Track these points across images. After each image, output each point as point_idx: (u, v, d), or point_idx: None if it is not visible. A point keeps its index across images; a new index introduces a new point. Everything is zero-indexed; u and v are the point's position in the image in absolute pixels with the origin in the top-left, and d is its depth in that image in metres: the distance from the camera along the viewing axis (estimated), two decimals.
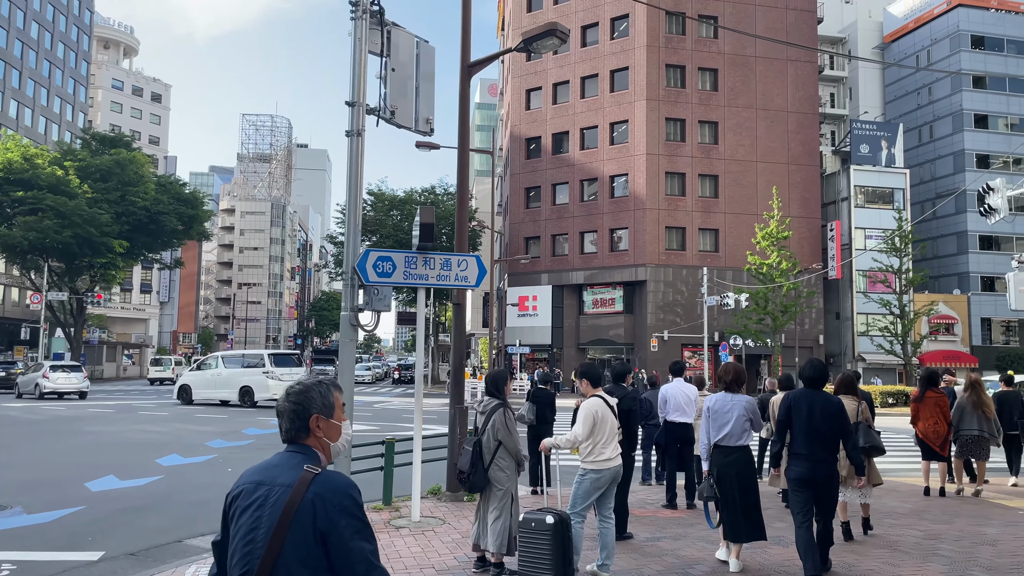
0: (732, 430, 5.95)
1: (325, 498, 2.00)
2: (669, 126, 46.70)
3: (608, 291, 47.77)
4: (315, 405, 2.18)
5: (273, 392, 24.61)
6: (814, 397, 5.88)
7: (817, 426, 5.70)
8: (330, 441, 2.22)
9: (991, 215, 14.92)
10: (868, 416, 7.37)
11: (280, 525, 1.99)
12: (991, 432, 9.51)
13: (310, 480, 2.03)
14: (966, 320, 49.46)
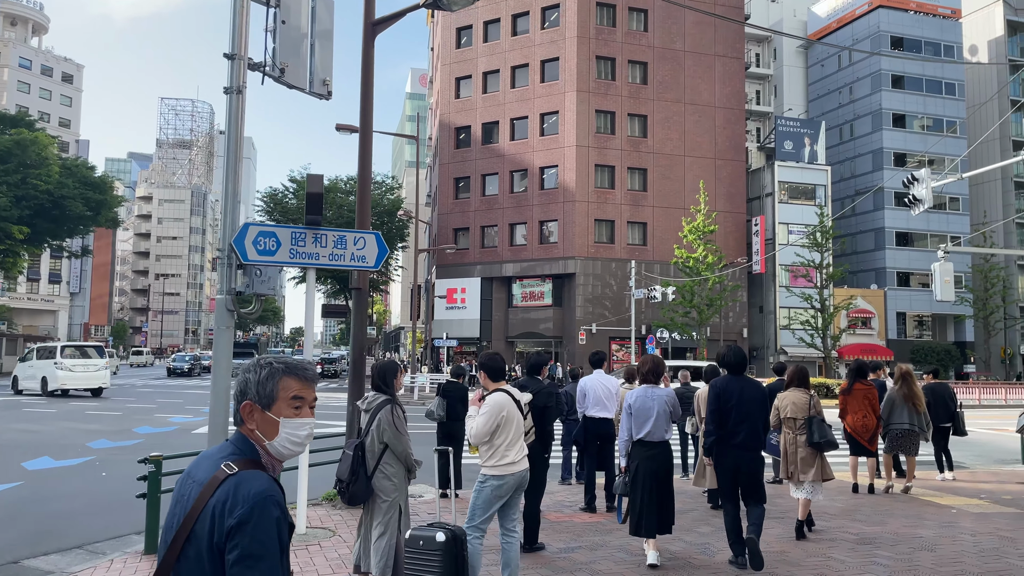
0: (655, 426, 5.83)
1: (226, 508, 1.65)
2: (599, 118, 46.44)
3: (537, 284, 47.29)
4: (250, 391, 1.84)
5: (62, 382, 25.75)
6: (742, 382, 5.99)
7: (748, 411, 5.81)
8: (263, 438, 1.83)
9: (916, 206, 14.81)
10: (820, 409, 7.17)
11: (178, 535, 1.68)
12: (921, 426, 9.15)
13: (220, 482, 1.69)
14: (883, 314, 50.89)
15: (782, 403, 7.31)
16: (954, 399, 10.56)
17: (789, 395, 7.33)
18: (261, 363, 1.89)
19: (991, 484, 9.98)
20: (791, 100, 57.39)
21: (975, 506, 8.09)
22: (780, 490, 9.29)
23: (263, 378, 1.84)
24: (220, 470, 1.72)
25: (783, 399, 7.35)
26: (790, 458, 7.06)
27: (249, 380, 1.86)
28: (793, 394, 7.31)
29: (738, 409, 5.83)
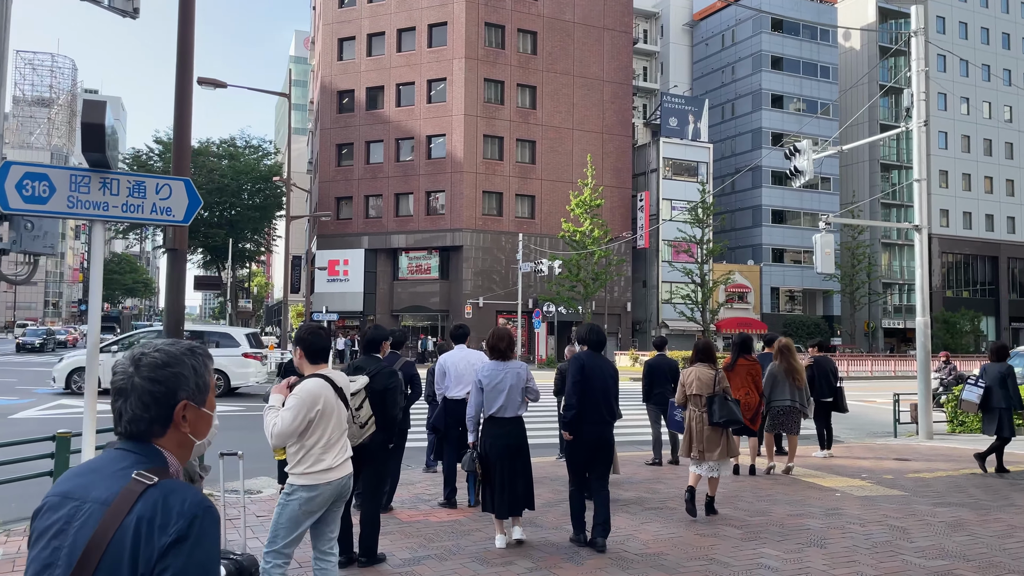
0: (506, 401, 5.58)
1: (155, 524, 1.37)
2: (488, 87, 45.34)
3: (424, 256, 46.00)
4: (186, 386, 1.54)
5: None
6: (601, 360, 5.91)
7: (606, 387, 5.77)
8: (196, 439, 1.57)
9: (797, 177, 14.60)
10: (727, 385, 6.93)
11: (81, 566, 1.36)
12: (802, 402, 8.72)
13: (138, 495, 1.40)
14: (758, 289, 52.64)
15: (687, 379, 6.96)
16: (836, 373, 10.28)
17: (694, 371, 6.96)
18: (195, 349, 1.57)
19: (869, 461, 9.74)
20: (677, 78, 58.12)
21: (858, 488, 7.68)
22: (660, 473, 8.67)
23: (200, 367, 1.56)
24: (134, 481, 1.41)
25: (688, 375, 7.00)
26: (695, 436, 6.78)
27: (184, 376, 1.52)
28: (699, 370, 6.96)
29: (600, 384, 5.73)
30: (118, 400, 1.54)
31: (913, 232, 12.12)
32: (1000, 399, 8.54)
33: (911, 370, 38.43)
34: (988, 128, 58.02)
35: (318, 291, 46.53)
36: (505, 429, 5.59)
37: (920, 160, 12.70)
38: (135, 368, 1.53)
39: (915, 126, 12.57)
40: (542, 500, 7.07)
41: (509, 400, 5.58)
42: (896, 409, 13.34)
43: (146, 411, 1.51)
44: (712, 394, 6.78)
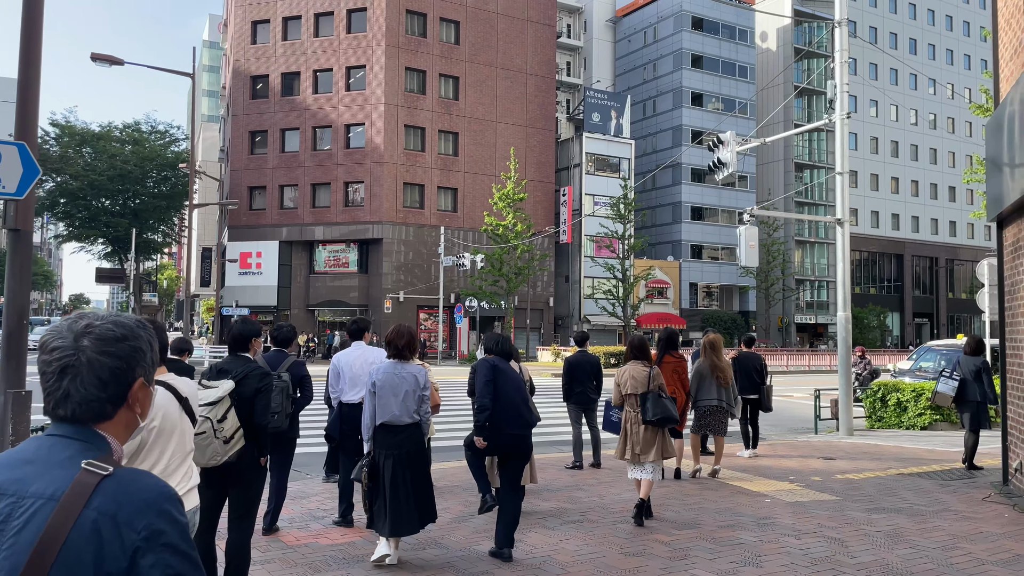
0: (401, 408, 4.99)
1: (120, 520, 1.19)
2: (409, 76, 44.24)
3: (342, 249, 44.58)
4: (143, 361, 1.37)
5: None
6: (508, 365, 5.61)
7: (521, 388, 5.46)
8: (142, 420, 1.43)
9: (720, 169, 14.32)
10: (662, 382, 6.59)
11: (30, 572, 1.16)
12: (729, 401, 8.27)
13: (93, 487, 1.22)
14: (677, 284, 53.26)
15: (621, 378, 6.57)
16: (762, 371, 9.91)
17: (628, 369, 6.52)
18: (145, 323, 1.41)
19: (794, 460, 9.42)
20: (600, 73, 58.21)
21: (788, 492, 7.26)
22: (581, 478, 8.08)
23: (152, 340, 1.40)
24: (84, 473, 1.22)
25: (622, 374, 6.55)
26: (632, 437, 6.42)
27: (142, 350, 1.37)
28: (633, 368, 6.52)
29: (516, 385, 5.37)
30: (62, 379, 1.31)
31: (833, 228, 11.91)
32: (975, 392, 8.32)
33: (824, 364, 39.45)
34: (895, 131, 60.33)
35: (229, 284, 44.58)
36: (398, 438, 4.97)
37: (842, 153, 12.54)
38: (87, 342, 1.31)
39: (838, 118, 12.40)
40: (451, 514, 6.36)
41: (403, 407, 4.96)
42: (817, 405, 13.20)
43: (103, 390, 1.32)
44: (647, 392, 6.40)
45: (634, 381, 6.56)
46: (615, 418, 7.17)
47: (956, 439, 11.64)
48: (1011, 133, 6.55)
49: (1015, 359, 6.93)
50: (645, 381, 6.57)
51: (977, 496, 6.93)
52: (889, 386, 13.48)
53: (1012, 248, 6.94)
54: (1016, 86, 6.21)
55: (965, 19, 63.77)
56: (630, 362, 6.76)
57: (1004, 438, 7.29)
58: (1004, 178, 6.84)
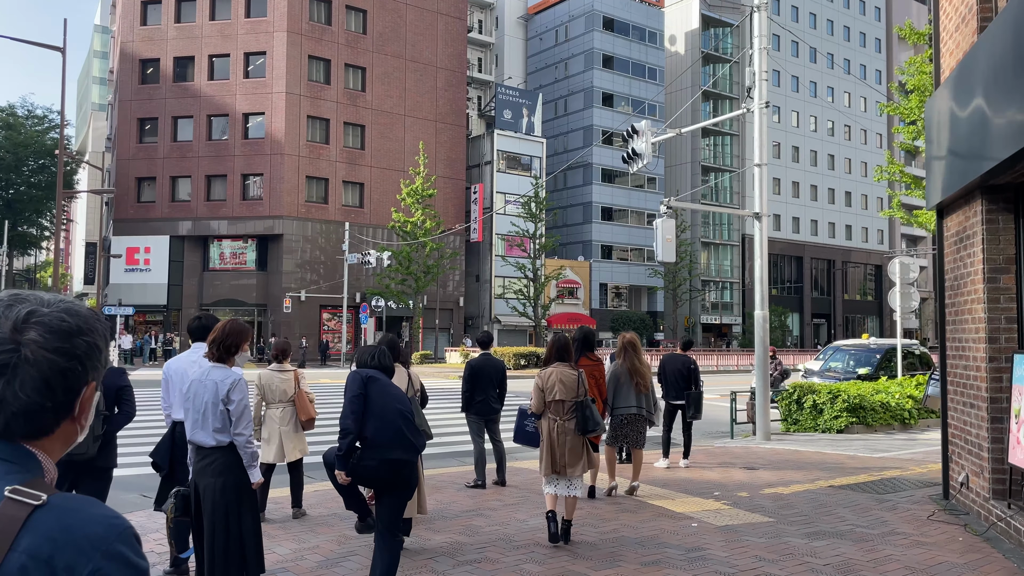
0: (201, 425, 3.97)
1: (58, 566, 0.91)
2: (313, 65, 42.30)
3: (240, 245, 42.21)
4: (98, 362, 1.09)
5: None
6: (386, 380, 4.54)
7: (403, 404, 4.40)
8: (82, 434, 1.13)
9: (635, 161, 13.58)
10: (587, 386, 5.98)
11: None
12: (649, 409, 7.38)
13: (21, 522, 0.93)
14: (588, 285, 53.11)
15: (547, 382, 5.78)
16: (691, 376, 9.06)
17: (555, 372, 5.81)
18: (97, 312, 1.13)
19: (715, 471, 8.65)
20: (511, 70, 57.50)
21: (715, 513, 6.41)
22: (482, 500, 7.02)
23: (108, 336, 1.12)
24: (9, 503, 0.94)
25: (547, 378, 5.73)
26: (557, 450, 5.67)
27: (100, 344, 1.09)
28: (560, 371, 5.80)
29: (396, 401, 4.32)
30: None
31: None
32: None
33: (732, 364, 39.85)
34: (796, 137, 62.13)
35: (114, 282, 41.60)
36: (204, 463, 3.95)
37: (761, 143, 11.97)
38: (33, 334, 1.01)
39: (756, 106, 11.82)
40: (317, 557, 5.18)
41: (204, 424, 3.93)
42: (733, 408, 12.60)
43: (48, 397, 1.02)
44: (578, 398, 5.70)
45: (563, 386, 5.73)
46: (531, 428, 6.23)
47: (874, 443, 11.21)
48: (957, 112, 5.88)
49: (958, 360, 6.29)
50: (575, 386, 5.75)
51: (920, 514, 6.27)
52: (805, 388, 13.03)
53: (956, 239, 6.30)
54: (966, 59, 5.52)
55: (862, 31, 66.38)
56: (555, 365, 5.88)
57: (944, 447, 6.67)
58: (947, 163, 6.19)
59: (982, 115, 5.27)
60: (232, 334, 4.08)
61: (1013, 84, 4.60)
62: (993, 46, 4.95)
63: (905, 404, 13.13)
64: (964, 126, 5.69)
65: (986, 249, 5.64)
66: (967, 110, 5.59)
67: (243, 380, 3.99)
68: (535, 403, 5.82)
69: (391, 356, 4.57)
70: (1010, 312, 5.58)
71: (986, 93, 5.13)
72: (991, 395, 5.58)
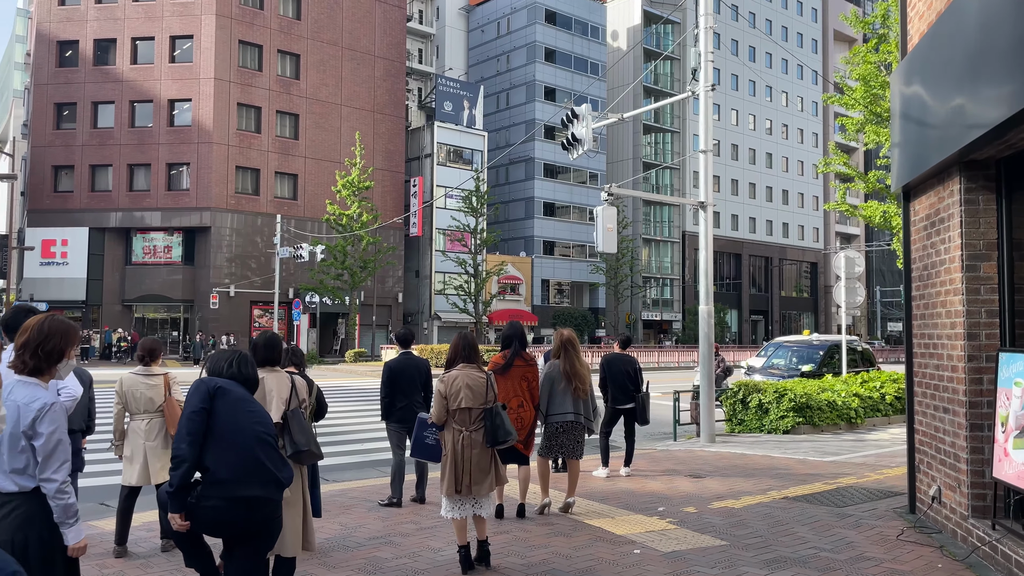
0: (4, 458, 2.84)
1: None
2: (244, 51, 40.53)
3: (164, 238, 40.23)
4: None
5: None
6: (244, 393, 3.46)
7: (263, 428, 3.33)
8: None
9: (574, 148, 12.81)
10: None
11: None
12: (588, 415, 6.56)
13: None
14: (529, 281, 52.45)
15: (450, 388, 4.96)
16: (635, 377, 8.30)
17: (460, 376, 5.00)
18: None
19: (658, 481, 7.89)
20: (452, 62, 56.37)
21: (660, 535, 5.62)
22: (396, 523, 6.09)
23: None
24: None
25: (451, 383, 5.00)
26: (462, 465, 4.89)
27: None
28: (466, 374, 5.01)
29: (251, 425, 3.32)
30: None
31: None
32: None
33: (673, 361, 39.63)
34: (736, 134, 62.59)
35: (28, 276, 39.20)
36: (3, 511, 2.82)
37: (706, 128, 11.32)
38: None
39: (702, 89, 11.14)
40: None
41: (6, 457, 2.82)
42: (676, 409, 11.94)
43: None
44: (487, 405, 4.94)
45: (470, 392, 4.90)
46: (431, 440, 5.36)
47: (822, 444, 10.67)
48: (932, 79, 5.21)
49: (929, 359, 5.63)
50: (483, 392, 4.92)
51: (888, 532, 5.59)
52: (750, 387, 12.46)
53: (927, 223, 5.64)
54: (946, 15, 4.82)
55: (799, 31, 67.31)
56: (460, 367, 5.03)
57: (911, 456, 6.02)
58: (919, 138, 5.52)
59: (965, 77, 4.58)
60: (53, 335, 2.93)
61: (1011, 35, 3.90)
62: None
63: (851, 403, 12.69)
64: (941, 93, 5.01)
65: (965, 233, 4.97)
66: (945, 75, 4.91)
67: (59, 405, 2.89)
68: (436, 412, 4.97)
69: (255, 363, 3.57)
70: (991, 305, 4.92)
71: (971, 52, 4.44)
72: (970, 399, 4.92)
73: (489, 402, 4.88)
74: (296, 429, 4.15)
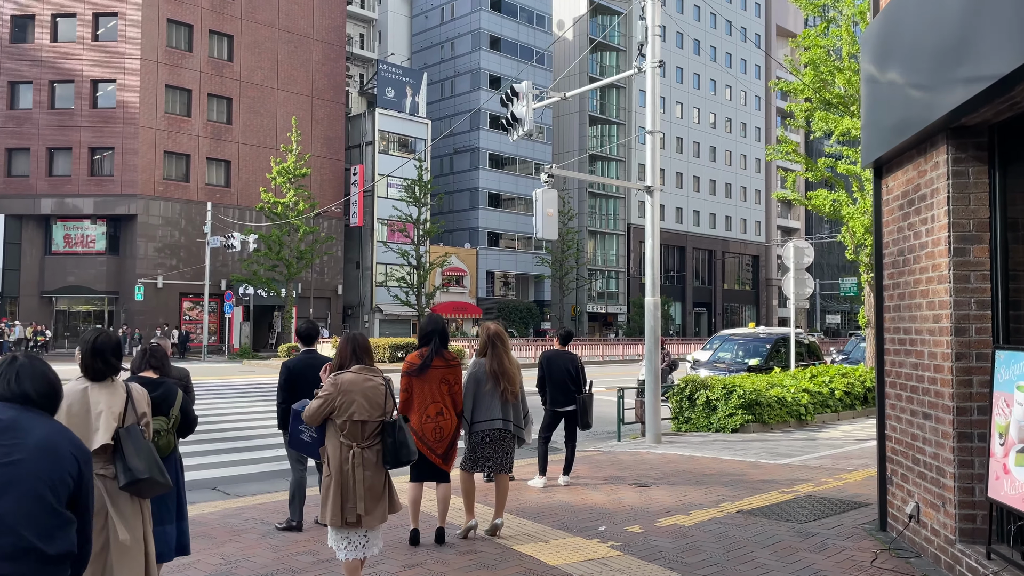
0: None
1: None
2: (173, 30, 38.57)
3: (87, 226, 38.09)
4: None
5: None
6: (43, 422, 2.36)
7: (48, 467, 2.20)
8: None
9: (514, 128, 11.96)
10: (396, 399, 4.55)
11: None
12: (518, 422, 5.70)
13: None
14: (474, 273, 51.54)
15: (340, 396, 4.02)
16: (577, 377, 7.49)
17: (351, 382, 4.06)
18: None
19: (600, 492, 7.11)
20: (395, 48, 54.93)
21: (601, 566, 4.81)
22: (289, 553, 5.14)
23: None
24: None
25: (339, 387, 4.05)
26: (349, 488, 3.97)
27: None
28: (359, 378, 4.07)
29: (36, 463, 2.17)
30: None
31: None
32: None
33: (618, 355, 39.19)
34: (680, 127, 62.60)
35: None
36: None
37: (653, 107, 10.58)
38: None
39: (649, 66, 10.38)
40: None
41: None
42: (620, 407, 11.21)
43: None
44: (384, 418, 4.06)
45: (365, 402, 4.00)
46: (307, 436, 4.34)
47: (774, 445, 10.07)
48: (915, 34, 4.49)
49: (904, 357, 4.94)
50: (381, 400, 4.05)
51: (859, 556, 4.88)
52: (697, 383, 11.81)
53: (904, 202, 4.94)
54: None
55: (743, 25, 67.67)
56: (354, 369, 4.10)
57: (881, 467, 5.34)
58: (897, 103, 4.81)
59: (959, 25, 3.85)
60: None
61: None
62: None
63: (801, 399, 12.17)
64: (927, 47, 4.29)
65: (952, 211, 4.27)
66: (935, 24, 4.18)
67: None
68: (314, 412, 4.04)
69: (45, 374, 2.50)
70: (983, 294, 4.23)
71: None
72: (957, 404, 4.23)
73: (388, 413, 3.99)
74: (130, 452, 3.18)
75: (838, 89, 14.36)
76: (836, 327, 68.94)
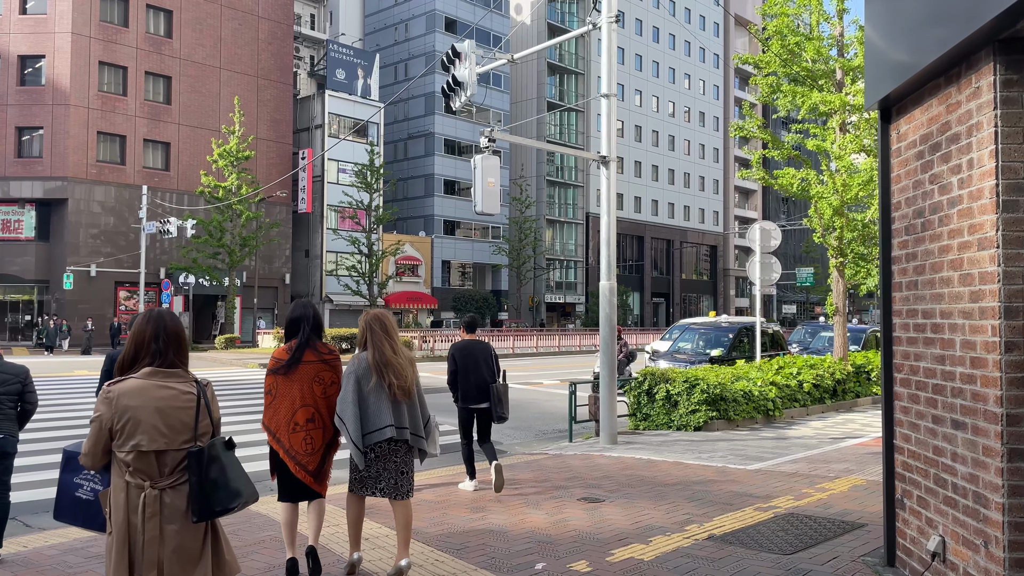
0: None
1: None
2: (106, 4, 36.49)
3: (14, 210, 35.82)
4: None
5: None
6: None
7: None
8: None
9: (456, 94, 10.72)
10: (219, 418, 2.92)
11: None
12: (416, 429, 4.44)
13: None
14: (429, 262, 50.16)
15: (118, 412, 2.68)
16: (493, 368, 6.35)
17: (132, 391, 2.72)
18: None
19: (542, 510, 5.94)
20: (347, 29, 52.98)
21: None
22: None
23: None
24: None
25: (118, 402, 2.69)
26: (138, 549, 2.64)
27: None
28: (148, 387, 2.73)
29: None
30: None
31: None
32: None
33: (574, 345, 38.21)
34: (640, 116, 61.82)
35: None
36: None
37: (610, 68, 9.43)
38: None
39: (604, 21, 9.23)
40: None
41: None
42: (572, 403, 10.09)
43: None
44: (194, 445, 2.72)
45: (160, 422, 2.68)
46: (87, 493, 3.00)
47: (741, 445, 9.04)
48: None
49: (925, 347, 3.85)
50: (190, 421, 2.72)
51: None
52: (657, 375, 10.73)
53: (922, 149, 3.84)
54: None
55: (702, 14, 67.11)
56: (143, 373, 2.76)
57: (889, 485, 4.25)
58: (917, 18, 3.70)
59: None
60: None
61: None
62: None
63: (768, 393, 11.19)
64: None
65: (1002, 152, 3.18)
66: None
67: None
68: (91, 448, 2.70)
69: None
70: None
71: None
72: (1008, 410, 3.15)
73: (199, 437, 2.74)
74: None
75: (806, 62, 13.42)
76: (792, 317, 69.09)
